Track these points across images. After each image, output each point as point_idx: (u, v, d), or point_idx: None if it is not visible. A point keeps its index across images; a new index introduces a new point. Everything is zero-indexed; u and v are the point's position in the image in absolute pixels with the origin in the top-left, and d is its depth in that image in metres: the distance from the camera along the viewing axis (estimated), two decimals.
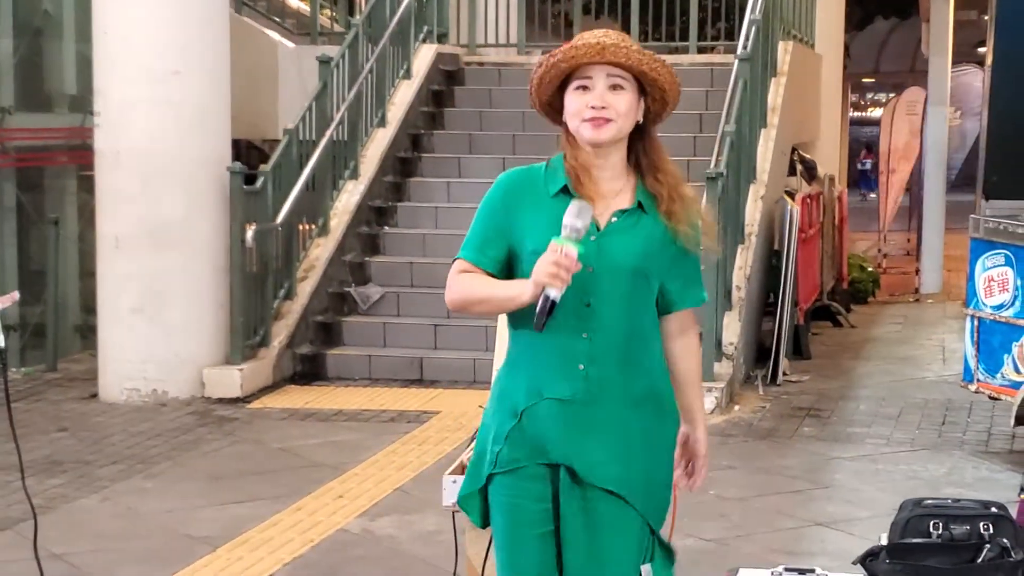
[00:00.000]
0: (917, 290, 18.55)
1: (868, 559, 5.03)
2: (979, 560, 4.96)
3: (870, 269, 17.91)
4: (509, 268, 3.93)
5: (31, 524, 7.69)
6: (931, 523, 5.21)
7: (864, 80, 40.71)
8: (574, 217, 3.70)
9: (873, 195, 29.71)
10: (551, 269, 3.66)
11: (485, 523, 4.05)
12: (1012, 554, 4.95)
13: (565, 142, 3.92)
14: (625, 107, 3.82)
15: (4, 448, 9.48)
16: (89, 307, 11.84)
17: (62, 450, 9.47)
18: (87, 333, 12.60)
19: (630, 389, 3.89)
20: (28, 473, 8.75)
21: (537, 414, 3.88)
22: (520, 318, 3.89)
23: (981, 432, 9.90)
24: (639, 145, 3.92)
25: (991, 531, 5.12)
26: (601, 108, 3.80)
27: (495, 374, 4.15)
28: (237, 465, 9.08)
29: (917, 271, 19.14)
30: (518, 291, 3.78)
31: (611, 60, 3.80)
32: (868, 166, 39.34)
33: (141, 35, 10.79)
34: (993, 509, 5.30)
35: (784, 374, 11.75)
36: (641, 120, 3.89)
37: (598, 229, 3.85)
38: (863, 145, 41.72)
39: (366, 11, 13.78)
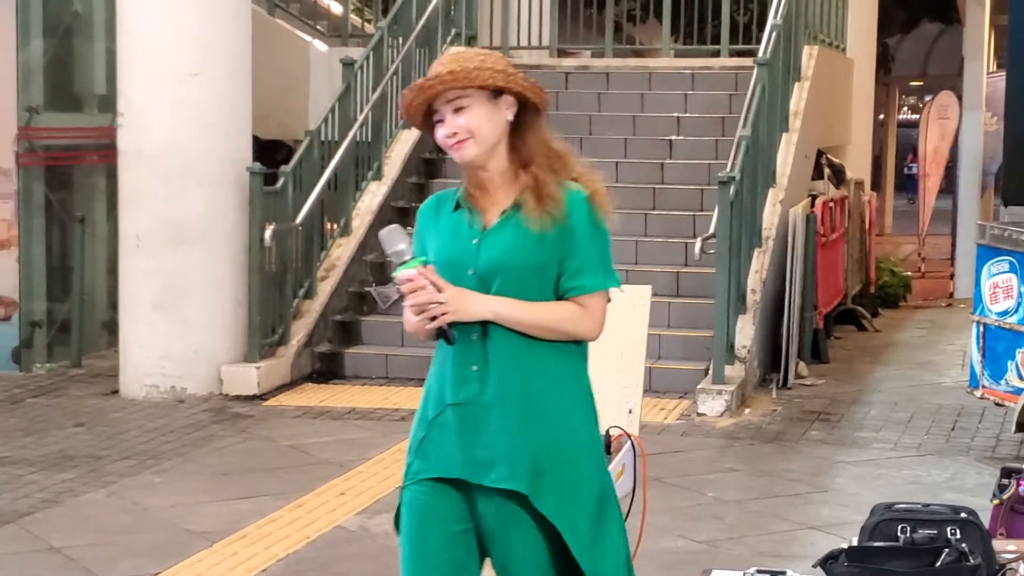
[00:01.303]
0: (952, 295, 18.52)
1: (828, 562, 5.07)
2: (938, 564, 4.99)
3: (903, 274, 17.86)
4: None
5: (36, 518, 7.90)
6: (899, 527, 5.25)
7: (912, 83, 40.48)
8: (388, 246, 3.93)
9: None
10: (407, 300, 3.87)
11: None
12: (970, 559, 4.99)
13: None
14: (475, 122, 3.90)
15: (19, 443, 9.68)
16: (116, 304, 11.98)
17: (76, 445, 9.60)
18: (114, 329, 12.74)
19: (529, 386, 3.92)
20: (39, 467, 8.99)
21: (443, 422, 3.97)
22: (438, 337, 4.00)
23: (989, 438, 9.91)
24: (516, 144, 3.98)
25: (957, 536, 5.16)
26: (452, 135, 3.92)
27: None
28: (246, 462, 9.20)
29: (952, 276, 19.11)
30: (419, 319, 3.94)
31: (430, 95, 3.91)
32: (914, 170, 39.12)
33: (162, 36, 10.95)
34: (962, 515, 5.33)
35: (798, 376, 11.77)
36: (511, 118, 3.95)
37: (482, 233, 3.96)
38: (911, 148, 41.49)
39: (392, 13, 13.89)
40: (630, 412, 5.38)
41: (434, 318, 3.86)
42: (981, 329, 9.29)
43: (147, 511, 8.07)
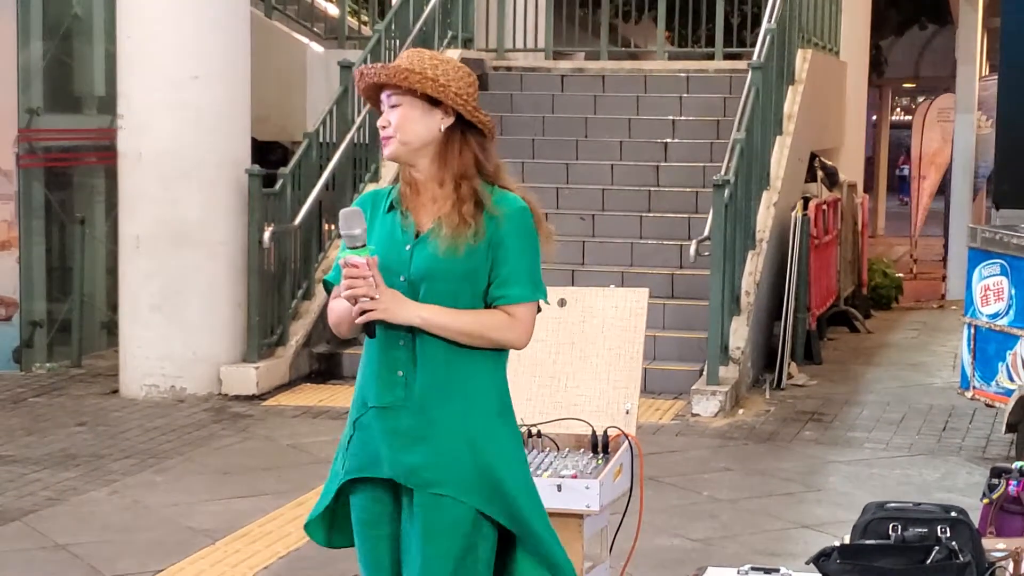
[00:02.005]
0: (943, 296, 18.62)
1: (821, 559, 5.17)
2: (928, 562, 5.10)
3: (895, 275, 17.96)
4: None
5: (41, 515, 8.00)
6: (890, 526, 5.35)
7: (905, 85, 40.62)
8: (345, 227, 3.92)
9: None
10: (345, 283, 3.91)
11: (331, 543, 4.24)
12: (960, 556, 5.09)
13: None
14: (402, 122, 3.99)
15: (21, 442, 9.78)
16: (116, 304, 12.09)
17: (78, 444, 9.71)
18: (114, 330, 12.85)
19: (455, 391, 3.99)
20: (42, 466, 9.08)
21: (365, 424, 4.05)
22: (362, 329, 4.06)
23: (980, 439, 10.02)
24: (444, 154, 4.04)
25: (948, 534, 5.26)
26: (382, 128, 4.02)
27: None
28: (246, 461, 9.30)
29: (943, 277, 19.21)
30: (346, 307, 4.00)
31: (367, 84, 4.03)
32: (906, 172, 39.22)
33: (161, 40, 11.06)
34: (953, 513, 5.43)
35: (790, 376, 11.89)
36: (443, 128, 4.01)
37: (415, 239, 4.03)
38: (903, 151, 41.59)
39: (389, 16, 14.00)
40: (627, 412, 5.47)
41: (363, 313, 3.92)
42: (972, 331, 9.41)
43: (149, 509, 8.17)
